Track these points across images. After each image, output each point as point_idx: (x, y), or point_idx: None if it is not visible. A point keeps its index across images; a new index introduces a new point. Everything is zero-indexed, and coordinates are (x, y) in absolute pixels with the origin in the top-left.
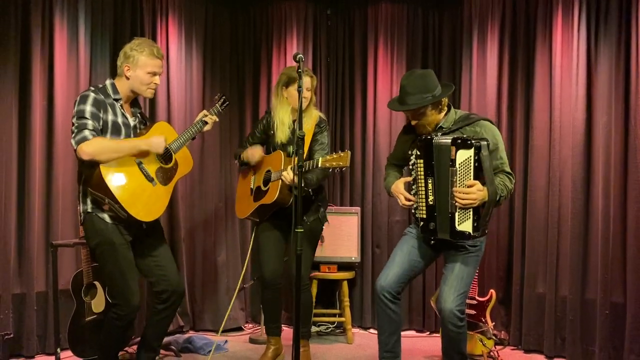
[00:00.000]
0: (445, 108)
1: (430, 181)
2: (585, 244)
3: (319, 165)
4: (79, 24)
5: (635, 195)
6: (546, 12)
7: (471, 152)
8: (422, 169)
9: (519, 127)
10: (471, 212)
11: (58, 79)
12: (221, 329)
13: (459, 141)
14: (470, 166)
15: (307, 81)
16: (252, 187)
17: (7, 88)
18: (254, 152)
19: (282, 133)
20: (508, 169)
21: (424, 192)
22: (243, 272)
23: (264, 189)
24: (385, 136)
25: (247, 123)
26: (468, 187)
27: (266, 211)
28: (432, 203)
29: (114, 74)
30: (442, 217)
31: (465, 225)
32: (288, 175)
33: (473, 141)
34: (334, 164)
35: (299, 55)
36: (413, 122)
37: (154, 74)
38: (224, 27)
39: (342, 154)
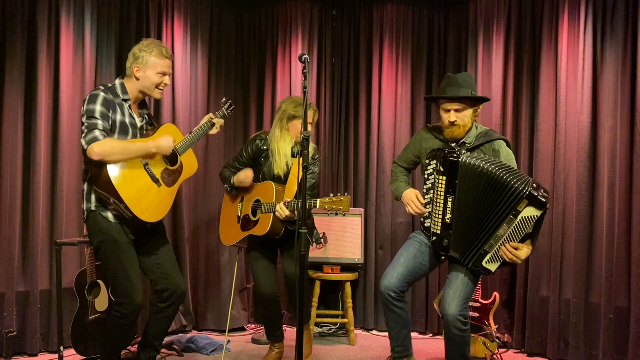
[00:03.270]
0: (476, 119)
1: (450, 199)
2: (589, 247)
3: (317, 207)
4: (85, 24)
5: None
6: (552, 14)
7: (540, 213)
8: (443, 185)
9: (524, 130)
10: (502, 261)
11: (64, 77)
12: (227, 332)
13: (537, 197)
14: (530, 224)
15: (310, 115)
16: (239, 214)
17: (13, 87)
18: (247, 176)
19: (280, 165)
20: None
21: (441, 209)
22: (235, 275)
23: (253, 219)
24: (390, 138)
25: (252, 124)
26: (516, 247)
27: (254, 240)
28: (449, 222)
29: (121, 73)
30: (460, 238)
31: (492, 266)
32: (283, 212)
33: (545, 200)
34: (334, 207)
35: (304, 57)
36: (452, 119)
37: (164, 74)
38: (229, 28)
39: (342, 199)
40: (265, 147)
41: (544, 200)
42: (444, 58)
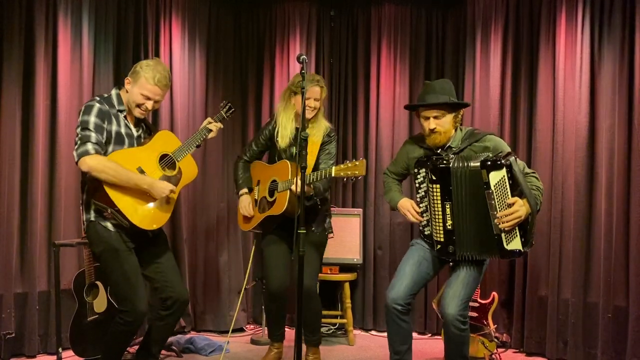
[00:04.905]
0: (458, 124)
1: (448, 206)
2: (587, 246)
3: (332, 175)
4: (82, 24)
5: (639, 198)
6: (550, 14)
7: (503, 172)
8: (438, 194)
9: (522, 129)
10: (517, 229)
11: (61, 79)
12: (230, 330)
13: (489, 163)
14: (506, 185)
15: (316, 91)
16: (256, 197)
17: (10, 88)
18: (246, 209)
19: (283, 138)
20: (529, 169)
21: (440, 217)
22: (247, 274)
23: (270, 199)
24: (388, 138)
25: (250, 125)
26: (509, 205)
27: (272, 222)
28: (450, 228)
29: (117, 74)
30: (464, 240)
31: (514, 243)
32: (299, 187)
33: (502, 160)
34: (349, 172)
35: (302, 57)
36: (431, 126)
37: (147, 98)
38: (227, 28)
39: (357, 163)
40: None
41: (496, 159)
42: (442, 58)
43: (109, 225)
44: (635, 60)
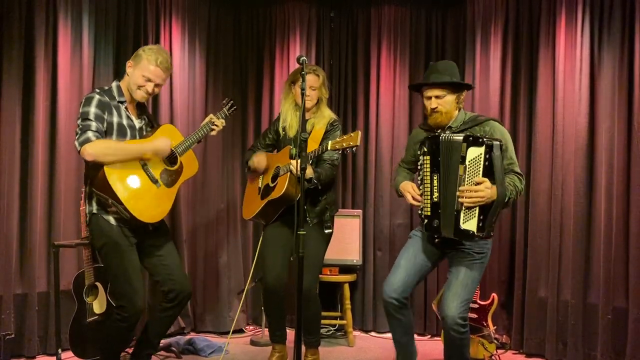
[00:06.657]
0: (460, 106)
1: (435, 178)
2: (587, 248)
3: (329, 148)
4: (82, 25)
5: (638, 199)
6: (549, 15)
7: (482, 149)
8: (428, 165)
9: (522, 131)
10: (477, 211)
11: (61, 79)
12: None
13: (471, 138)
14: (480, 164)
15: (311, 79)
16: (260, 186)
17: (10, 89)
18: (260, 160)
19: (286, 128)
20: (518, 170)
21: (429, 189)
22: (251, 274)
23: (272, 185)
24: (388, 139)
25: (250, 125)
26: (476, 184)
27: (273, 210)
28: (436, 200)
29: (117, 75)
30: (446, 214)
31: (470, 224)
32: (296, 166)
33: (485, 139)
34: (344, 144)
35: (302, 58)
36: (433, 105)
37: (149, 80)
38: (227, 29)
39: (352, 134)
40: None
41: (479, 137)
42: (442, 59)
43: (111, 219)
44: (635, 62)
